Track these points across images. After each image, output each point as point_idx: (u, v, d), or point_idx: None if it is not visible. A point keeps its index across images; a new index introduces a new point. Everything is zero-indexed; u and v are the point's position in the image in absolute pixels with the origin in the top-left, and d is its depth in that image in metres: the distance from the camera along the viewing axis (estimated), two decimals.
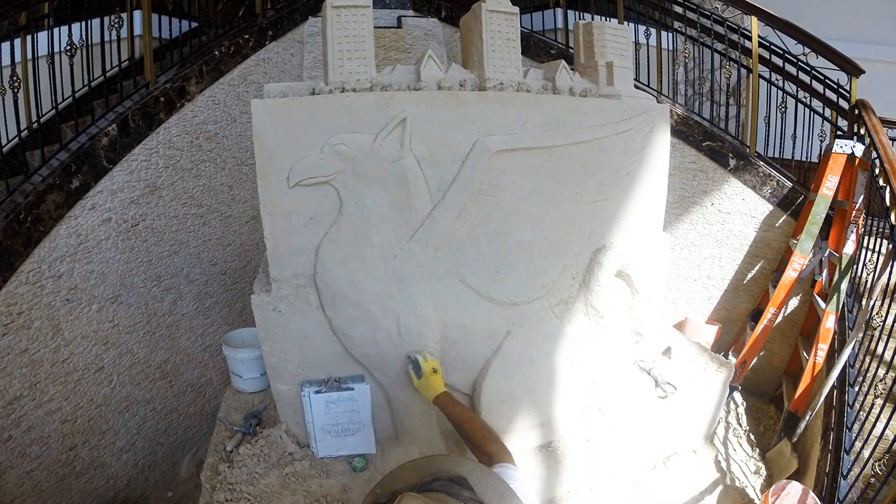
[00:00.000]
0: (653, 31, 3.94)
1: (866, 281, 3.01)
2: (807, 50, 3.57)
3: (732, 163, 3.67)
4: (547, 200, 2.16)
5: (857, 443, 2.37)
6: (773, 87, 3.78)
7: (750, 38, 3.68)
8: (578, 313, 2.41)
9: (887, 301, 2.55)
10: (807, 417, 2.82)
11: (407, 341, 2.04)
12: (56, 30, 2.77)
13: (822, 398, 2.71)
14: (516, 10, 2.06)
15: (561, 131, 2.12)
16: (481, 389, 2.22)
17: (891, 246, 2.63)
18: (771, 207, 3.68)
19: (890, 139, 3.07)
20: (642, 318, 2.64)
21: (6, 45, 2.65)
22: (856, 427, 2.45)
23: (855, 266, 3.08)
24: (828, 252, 3.28)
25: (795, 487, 2.27)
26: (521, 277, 2.18)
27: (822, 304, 3.08)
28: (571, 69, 2.28)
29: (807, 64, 3.64)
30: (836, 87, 3.62)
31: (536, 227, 2.16)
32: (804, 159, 3.83)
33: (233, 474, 2.08)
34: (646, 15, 4.01)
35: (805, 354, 3.19)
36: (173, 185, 3.29)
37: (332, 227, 1.94)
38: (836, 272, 3.02)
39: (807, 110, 3.74)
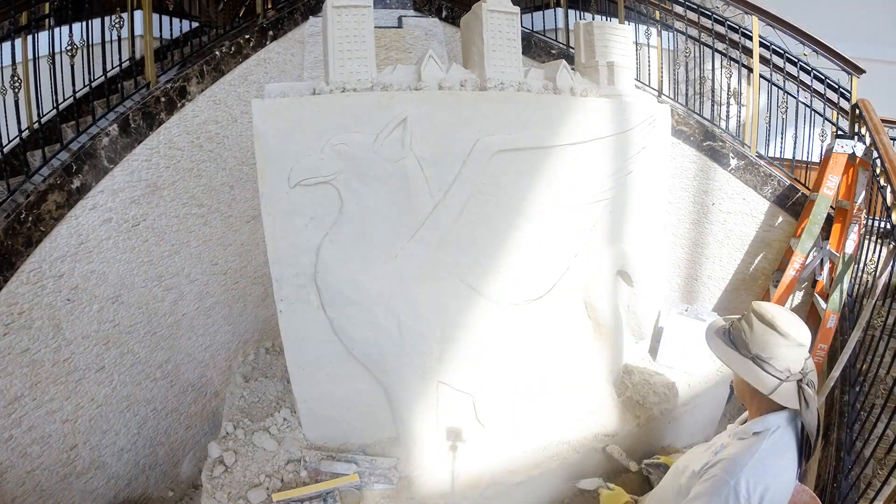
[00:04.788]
0: (653, 30, 3.94)
1: (867, 281, 3.01)
2: (807, 50, 3.57)
3: (733, 162, 3.67)
4: (548, 200, 2.16)
5: (857, 443, 2.37)
6: (773, 87, 3.78)
7: (751, 38, 3.68)
8: (579, 313, 2.41)
9: (888, 301, 2.55)
10: None
11: (408, 341, 2.05)
12: (57, 30, 2.77)
13: (823, 398, 2.71)
14: (517, 9, 2.06)
15: (562, 131, 2.12)
16: (482, 389, 2.22)
17: (892, 245, 2.63)
18: (772, 207, 3.68)
19: (890, 139, 3.07)
20: (642, 318, 2.65)
21: (7, 45, 2.66)
22: (856, 427, 2.46)
23: (856, 266, 3.08)
24: (828, 252, 3.28)
25: (796, 487, 2.27)
26: (521, 277, 2.18)
27: (823, 304, 3.07)
28: (572, 69, 2.29)
29: (807, 64, 3.63)
30: (836, 87, 3.62)
31: (537, 227, 2.16)
32: (805, 159, 3.83)
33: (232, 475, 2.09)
34: (646, 15, 4.01)
35: None
36: (174, 184, 3.29)
37: (332, 227, 1.94)
38: (837, 272, 3.02)
39: (807, 110, 3.73)
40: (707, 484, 1.41)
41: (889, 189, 2.71)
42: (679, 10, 3.93)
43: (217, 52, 3.44)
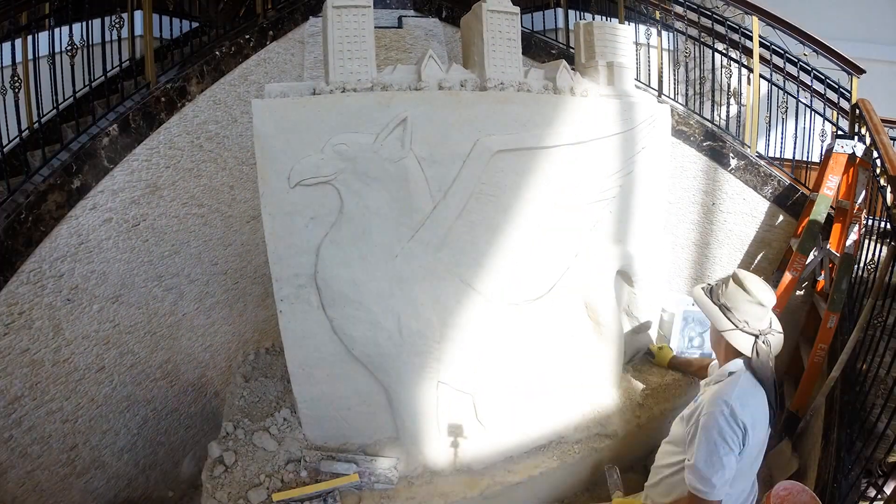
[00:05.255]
0: (653, 30, 3.94)
1: (867, 281, 3.01)
2: (808, 50, 3.57)
3: (733, 163, 3.67)
4: (548, 200, 2.16)
5: (857, 443, 2.37)
6: (773, 87, 3.78)
7: (751, 38, 3.68)
8: (579, 313, 2.41)
9: (888, 301, 2.54)
10: (807, 417, 2.82)
11: (408, 341, 2.05)
12: (57, 30, 2.77)
13: (824, 398, 2.71)
14: (517, 9, 2.06)
15: (562, 131, 2.12)
16: (482, 389, 2.22)
17: (892, 245, 2.63)
18: (772, 207, 3.67)
19: (891, 139, 3.07)
20: (643, 318, 2.65)
21: (7, 45, 2.66)
22: (856, 427, 2.45)
23: (856, 266, 3.08)
24: (828, 252, 3.28)
25: (796, 488, 2.27)
26: (521, 277, 2.18)
27: (823, 304, 3.07)
28: (572, 69, 2.29)
29: (807, 64, 3.63)
30: (836, 87, 3.62)
31: (537, 227, 2.16)
32: (805, 159, 3.83)
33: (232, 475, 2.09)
34: (647, 15, 4.01)
35: (806, 354, 3.19)
36: (174, 185, 3.28)
37: (332, 227, 1.94)
38: (837, 272, 3.02)
39: (807, 110, 3.73)
40: (701, 421, 1.60)
41: (889, 189, 2.71)
42: (679, 10, 3.92)
43: (217, 52, 3.44)
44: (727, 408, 1.56)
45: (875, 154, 3.05)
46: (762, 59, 3.73)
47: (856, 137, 3.34)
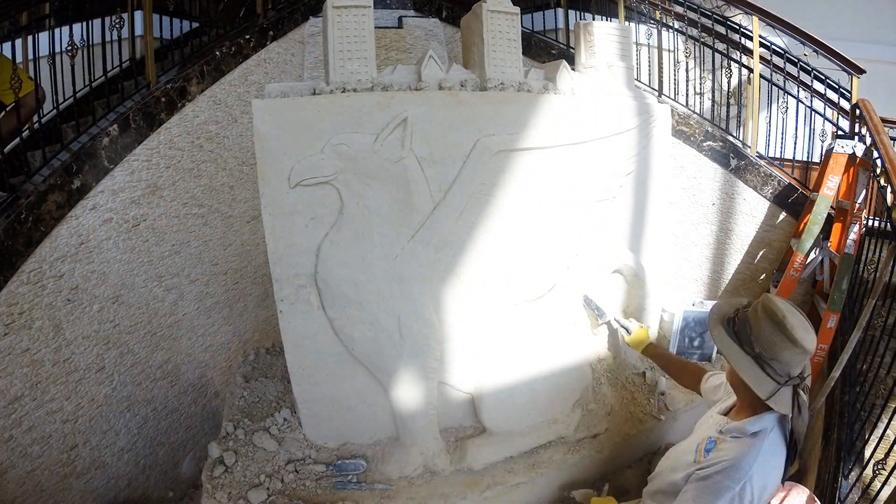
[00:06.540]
0: (654, 30, 3.94)
1: (867, 281, 3.01)
2: (808, 50, 3.57)
3: (733, 163, 3.67)
4: (548, 200, 2.16)
5: (857, 443, 2.37)
6: (774, 87, 3.78)
7: (751, 38, 3.68)
8: (580, 313, 2.41)
9: (888, 301, 2.55)
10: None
11: (408, 341, 2.05)
12: (57, 30, 2.77)
13: (823, 398, 2.71)
14: (517, 10, 2.06)
15: (562, 131, 2.12)
16: (483, 389, 2.22)
17: (892, 245, 2.64)
18: (772, 207, 3.68)
19: (891, 139, 3.07)
20: (643, 318, 2.64)
21: (7, 45, 2.66)
22: (856, 427, 2.46)
23: (856, 266, 3.08)
24: (828, 252, 3.28)
25: (797, 489, 2.27)
26: (522, 277, 2.19)
27: (823, 304, 3.08)
28: (573, 69, 2.29)
29: (808, 64, 3.64)
30: (836, 87, 3.62)
31: (538, 227, 2.16)
32: (805, 159, 3.83)
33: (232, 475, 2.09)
34: (647, 14, 4.01)
35: None
36: (174, 185, 3.28)
37: (333, 228, 1.94)
38: (837, 272, 3.02)
39: (808, 110, 3.74)
40: (708, 486, 1.38)
41: (889, 189, 2.71)
42: (679, 9, 3.93)
43: (217, 53, 3.44)
44: (742, 489, 1.35)
45: (875, 154, 3.05)
46: (762, 59, 3.74)
47: (856, 137, 3.34)
